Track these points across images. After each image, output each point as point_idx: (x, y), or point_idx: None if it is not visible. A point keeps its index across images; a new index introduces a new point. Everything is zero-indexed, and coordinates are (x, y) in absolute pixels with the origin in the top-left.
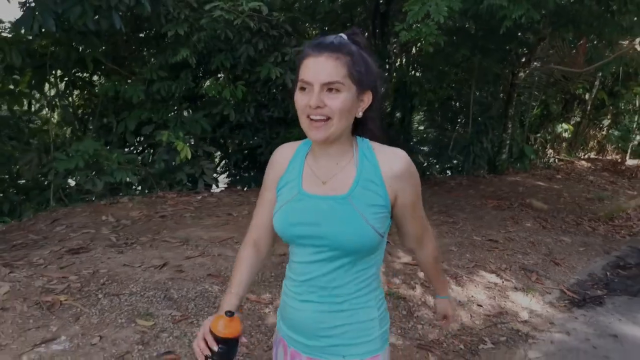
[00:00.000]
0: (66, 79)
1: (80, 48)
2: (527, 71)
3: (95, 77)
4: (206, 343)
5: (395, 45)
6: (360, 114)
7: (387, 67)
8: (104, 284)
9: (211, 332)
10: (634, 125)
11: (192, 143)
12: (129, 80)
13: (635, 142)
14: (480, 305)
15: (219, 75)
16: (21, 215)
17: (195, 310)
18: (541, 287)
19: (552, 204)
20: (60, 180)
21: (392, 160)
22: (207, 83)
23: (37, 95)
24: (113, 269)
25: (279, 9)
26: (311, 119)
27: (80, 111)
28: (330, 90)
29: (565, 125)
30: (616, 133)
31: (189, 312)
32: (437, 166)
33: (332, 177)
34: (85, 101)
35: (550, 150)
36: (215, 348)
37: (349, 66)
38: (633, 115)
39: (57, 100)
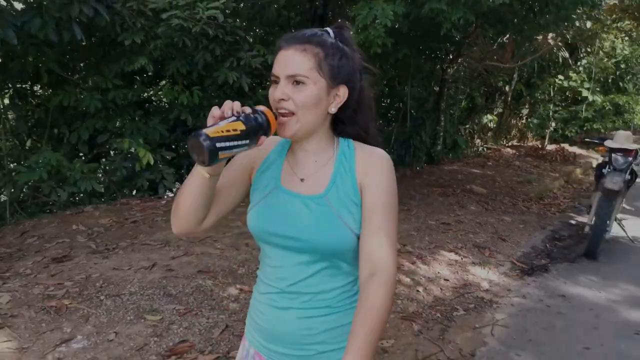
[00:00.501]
0: (10, 92)
1: (31, 59)
2: (455, 67)
3: (37, 88)
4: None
5: None
6: (333, 110)
7: None
8: (102, 287)
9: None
10: (550, 114)
11: (150, 150)
12: (77, 90)
13: (551, 129)
14: (447, 280)
15: (171, 82)
16: None
17: (196, 303)
18: (494, 261)
19: (489, 189)
20: (18, 193)
21: (367, 155)
22: (163, 90)
23: None
24: (104, 273)
25: (231, 15)
26: (277, 113)
27: (29, 124)
28: (295, 83)
29: (489, 116)
30: (535, 121)
31: (190, 305)
32: None
33: (311, 175)
34: (33, 113)
35: (478, 140)
36: (251, 115)
37: (318, 58)
38: (547, 104)
39: (7, 113)
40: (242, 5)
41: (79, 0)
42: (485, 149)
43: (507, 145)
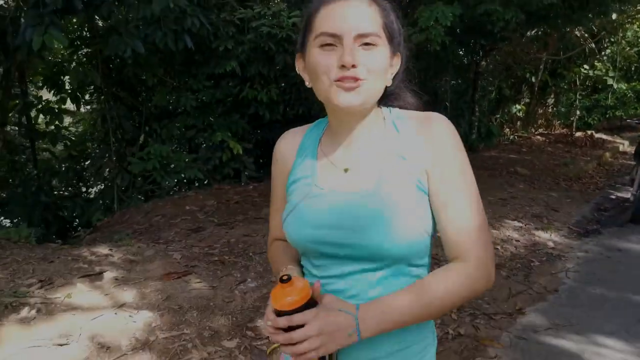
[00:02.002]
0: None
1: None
2: (488, 60)
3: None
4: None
5: None
6: (390, 82)
7: None
8: (245, 248)
9: (275, 311)
10: (577, 102)
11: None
12: (172, 91)
13: (577, 117)
14: (518, 241)
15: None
16: (90, 217)
17: None
18: (553, 227)
19: (531, 170)
20: (127, 182)
21: (425, 124)
22: (245, 89)
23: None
24: (239, 238)
25: None
26: (343, 79)
27: (134, 122)
28: (365, 45)
29: (518, 106)
30: (562, 109)
31: None
32: None
33: (357, 163)
34: (135, 112)
35: (507, 129)
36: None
37: (384, 16)
38: (572, 93)
39: (114, 112)
40: None
41: (190, 14)
42: (516, 137)
43: (535, 133)
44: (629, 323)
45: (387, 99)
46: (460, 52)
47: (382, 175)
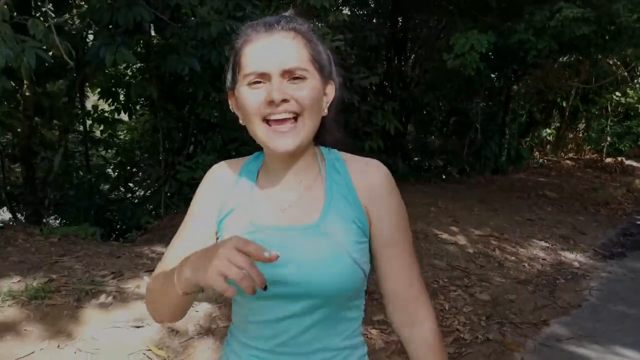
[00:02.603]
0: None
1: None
2: (520, 85)
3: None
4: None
5: (409, 69)
6: (326, 111)
7: (404, 86)
8: None
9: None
10: (608, 128)
11: None
12: (215, 105)
13: (607, 143)
14: (544, 259)
15: None
16: (139, 220)
17: None
18: (579, 248)
19: (559, 194)
20: (175, 189)
21: (366, 171)
22: None
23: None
24: None
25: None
26: (271, 121)
27: (180, 133)
28: (294, 79)
29: (548, 130)
30: (593, 135)
31: None
32: (454, 168)
33: (296, 202)
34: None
35: (536, 153)
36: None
37: (310, 48)
38: (604, 119)
39: (163, 124)
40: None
41: None
42: (545, 160)
43: (565, 157)
44: None
45: (322, 128)
46: (492, 76)
47: (324, 213)
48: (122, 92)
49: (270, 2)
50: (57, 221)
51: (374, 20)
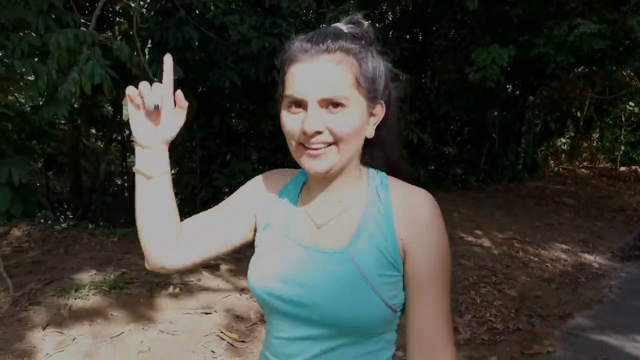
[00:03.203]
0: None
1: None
2: (536, 95)
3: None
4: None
5: (428, 79)
6: (371, 134)
7: (422, 97)
8: None
9: None
10: (621, 138)
11: None
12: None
13: (622, 152)
14: (566, 260)
15: None
16: None
17: None
18: (598, 251)
19: (576, 201)
20: (209, 195)
21: (409, 202)
22: None
23: None
24: None
25: None
26: (307, 147)
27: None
28: (332, 106)
29: (562, 139)
30: (607, 144)
31: None
32: (472, 176)
33: (330, 221)
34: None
35: (551, 161)
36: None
37: (355, 70)
38: (617, 129)
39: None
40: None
41: (279, 51)
42: (560, 169)
43: (580, 166)
44: None
45: (371, 148)
46: (508, 87)
47: (354, 239)
48: None
49: (302, 20)
50: (101, 224)
51: (392, 33)
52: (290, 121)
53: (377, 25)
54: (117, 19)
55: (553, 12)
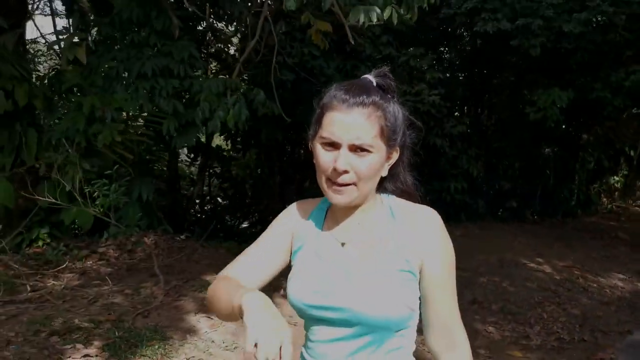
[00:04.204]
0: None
1: None
2: (590, 134)
3: None
4: None
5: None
6: (385, 173)
7: (480, 133)
8: None
9: None
10: None
11: None
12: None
13: None
14: (623, 288)
15: None
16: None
17: None
18: None
19: (631, 237)
20: None
21: (420, 220)
22: None
23: None
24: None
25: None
26: (334, 182)
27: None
28: (360, 150)
29: (616, 177)
30: None
31: None
32: (527, 210)
33: (353, 240)
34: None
35: (604, 199)
36: None
37: (381, 123)
38: None
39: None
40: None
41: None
42: (614, 206)
43: (633, 204)
44: None
45: (385, 181)
46: (563, 126)
47: (373, 252)
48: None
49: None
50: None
51: (460, 77)
52: (325, 157)
53: (435, 67)
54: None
55: (611, 58)
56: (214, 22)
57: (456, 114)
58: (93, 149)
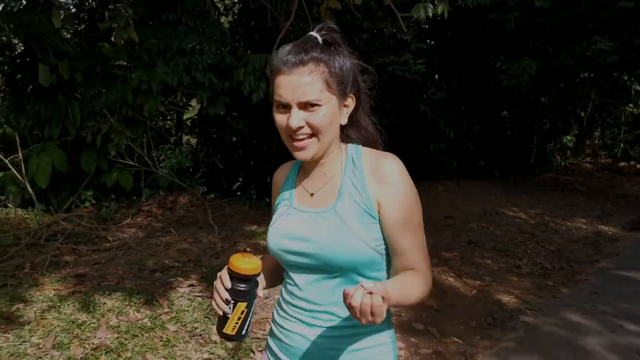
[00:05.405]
0: None
1: None
2: (548, 97)
3: None
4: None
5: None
6: (344, 121)
7: (453, 99)
8: None
9: (231, 271)
10: (621, 136)
11: None
12: None
13: (621, 149)
14: (587, 229)
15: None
16: None
17: None
18: (610, 223)
19: (587, 189)
20: None
21: (377, 163)
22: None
23: None
24: None
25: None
26: (294, 139)
27: None
28: (309, 106)
29: (568, 137)
30: (608, 142)
31: None
32: (495, 168)
33: (320, 189)
34: None
35: (558, 157)
36: (240, 286)
37: (325, 77)
38: (617, 128)
39: None
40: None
41: None
42: (567, 163)
43: (583, 161)
44: None
45: (348, 130)
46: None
47: (337, 198)
48: None
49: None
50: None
51: (437, 48)
52: (279, 118)
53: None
54: None
55: (575, 30)
56: None
57: (436, 81)
58: (129, 119)
